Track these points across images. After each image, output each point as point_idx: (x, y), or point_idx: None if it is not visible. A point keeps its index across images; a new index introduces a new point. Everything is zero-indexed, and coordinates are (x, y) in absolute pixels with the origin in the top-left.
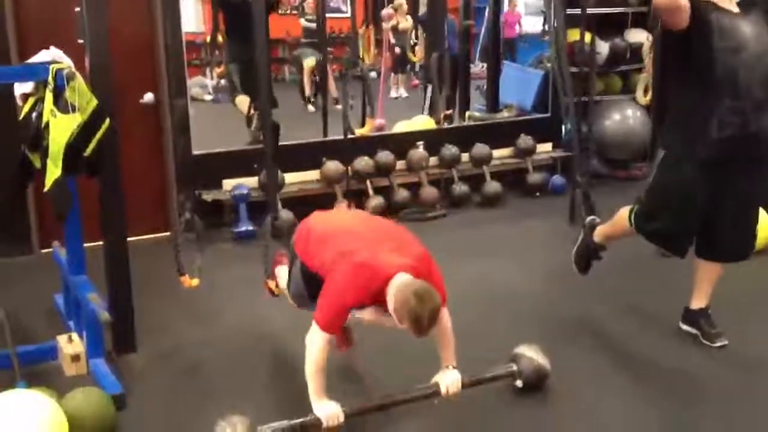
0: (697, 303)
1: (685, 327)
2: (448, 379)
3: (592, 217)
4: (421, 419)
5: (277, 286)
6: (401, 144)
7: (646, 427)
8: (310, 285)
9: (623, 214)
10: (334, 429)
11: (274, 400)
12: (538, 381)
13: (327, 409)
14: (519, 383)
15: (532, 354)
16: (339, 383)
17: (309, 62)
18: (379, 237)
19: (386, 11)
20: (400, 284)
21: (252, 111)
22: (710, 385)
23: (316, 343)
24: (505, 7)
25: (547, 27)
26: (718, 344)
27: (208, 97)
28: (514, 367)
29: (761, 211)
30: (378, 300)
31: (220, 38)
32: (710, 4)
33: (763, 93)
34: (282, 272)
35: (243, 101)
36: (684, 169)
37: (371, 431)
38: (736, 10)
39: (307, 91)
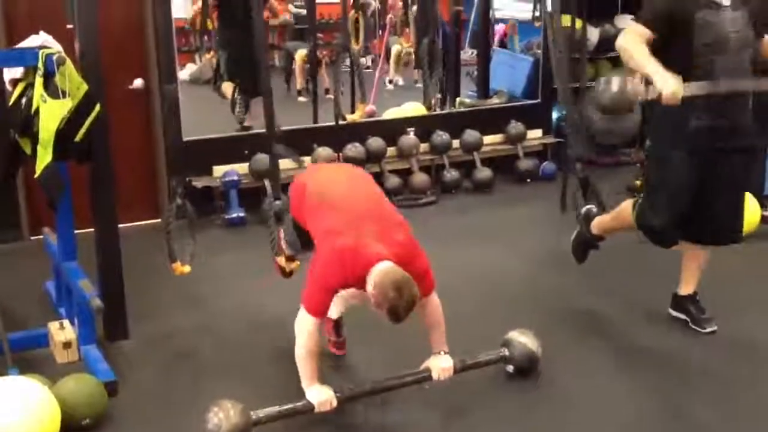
0: (686, 289)
1: (674, 313)
2: (440, 365)
3: (588, 206)
4: (412, 403)
5: (287, 260)
6: (392, 130)
7: (635, 412)
8: (301, 235)
9: (627, 207)
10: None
11: (267, 385)
12: (529, 366)
13: (319, 395)
14: (510, 368)
15: (523, 339)
16: (330, 370)
17: (301, 53)
18: (367, 215)
19: None
20: (379, 272)
21: (236, 95)
22: (700, 370)
23: (304, 328)
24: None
25: (537, 13)
26: (708, 330)
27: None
28: (506, 352)
29: (750, 196)
30: (361, 284)
31: (209, 24)
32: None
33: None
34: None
35: (227, 86)
36: (672, 158)
37: (362, 415)
38: (726, 2)
39: (299, 84)
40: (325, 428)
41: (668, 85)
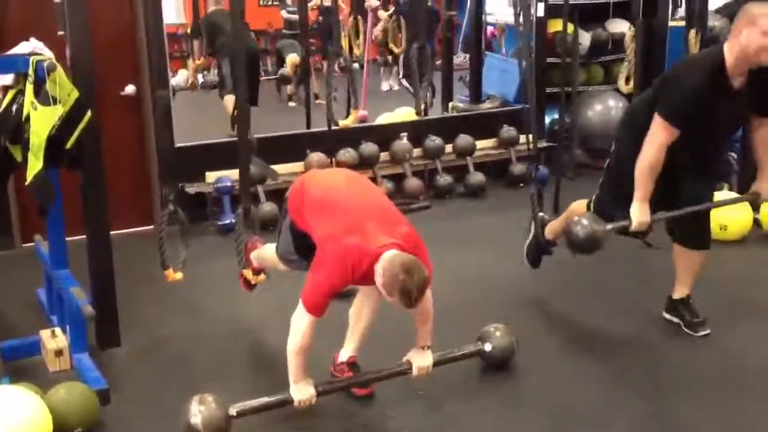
0: (680, 292)
1: (667, 316)
2: (421, 362)
3: (541, 214)
4: (391, 394)
5: (254, 273)
6: (385, 135)
7: (622, 412)
8: (298, 242)
9: (577, 207)
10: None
11: (260, 392)
12: (503, 359)
13: (302, 393)
14: (488, 346)
15: (498, 333)
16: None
17: (291, 59)
18: (369, 213)
19: (370, 3)
20: (386, 260)
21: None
22: (693, 373)
23: (301, 325)
24: None
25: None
26: (701, 333)
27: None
28: (481, 345)
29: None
30: (366, 279)
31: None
32: (719, 82)
33: (714, 148)
34: (262, 251)
35: (230, 100)
36: (631, 165)
37: (342, 404)
38: (738, 84)
39: (290, 89)
40: (306, 421)
41: (639, 217)
